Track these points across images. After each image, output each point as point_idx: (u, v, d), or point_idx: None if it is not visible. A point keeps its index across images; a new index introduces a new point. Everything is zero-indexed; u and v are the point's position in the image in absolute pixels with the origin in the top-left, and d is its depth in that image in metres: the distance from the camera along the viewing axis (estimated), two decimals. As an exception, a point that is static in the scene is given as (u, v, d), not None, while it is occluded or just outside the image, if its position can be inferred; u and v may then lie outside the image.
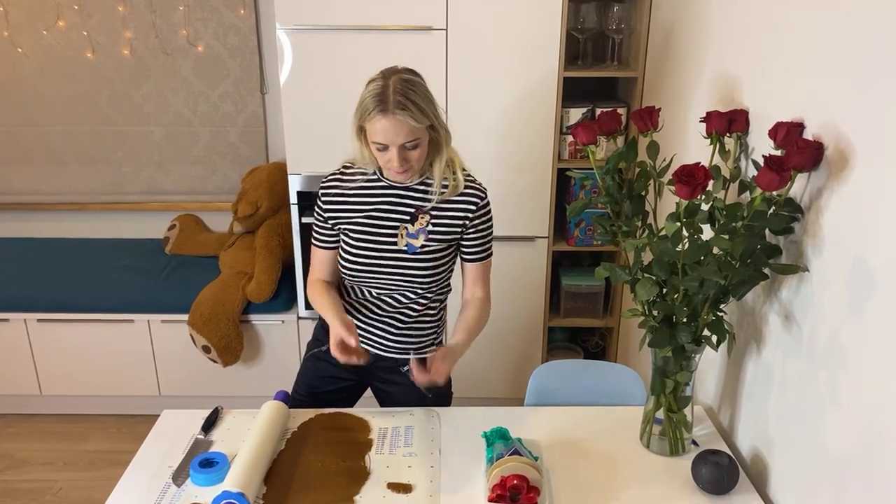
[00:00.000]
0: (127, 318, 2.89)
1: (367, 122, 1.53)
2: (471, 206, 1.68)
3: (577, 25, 2.63)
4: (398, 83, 1.51)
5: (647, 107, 1.64)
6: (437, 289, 1.78)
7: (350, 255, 1.72)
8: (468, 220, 1.69)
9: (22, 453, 2.85)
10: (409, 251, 1.68)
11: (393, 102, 1.49)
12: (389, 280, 1.72)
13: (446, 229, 1.69)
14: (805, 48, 1.38)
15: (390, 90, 1.50)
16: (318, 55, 2.55)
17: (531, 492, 1.41)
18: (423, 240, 1.68)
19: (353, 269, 1.72)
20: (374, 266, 1.70)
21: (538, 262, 2.80)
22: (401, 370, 1.81)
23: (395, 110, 1.49)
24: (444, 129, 1.62)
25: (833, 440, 1.27)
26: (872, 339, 1.16)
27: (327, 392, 1.87)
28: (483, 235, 1.73)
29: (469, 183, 1.69)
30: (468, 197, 1.68)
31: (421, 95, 1.53)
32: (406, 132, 1.52)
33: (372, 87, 1.53)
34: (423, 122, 1.53)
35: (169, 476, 1.54)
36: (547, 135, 2.63)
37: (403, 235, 1.69)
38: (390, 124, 1.50)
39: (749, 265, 1.41)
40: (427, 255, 1.69)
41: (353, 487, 1.50)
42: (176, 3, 3.01)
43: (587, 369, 2.00)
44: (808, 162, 1.29)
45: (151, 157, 3.27)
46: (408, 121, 1.50)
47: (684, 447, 1.63)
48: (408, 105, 1.49)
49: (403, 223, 1.69)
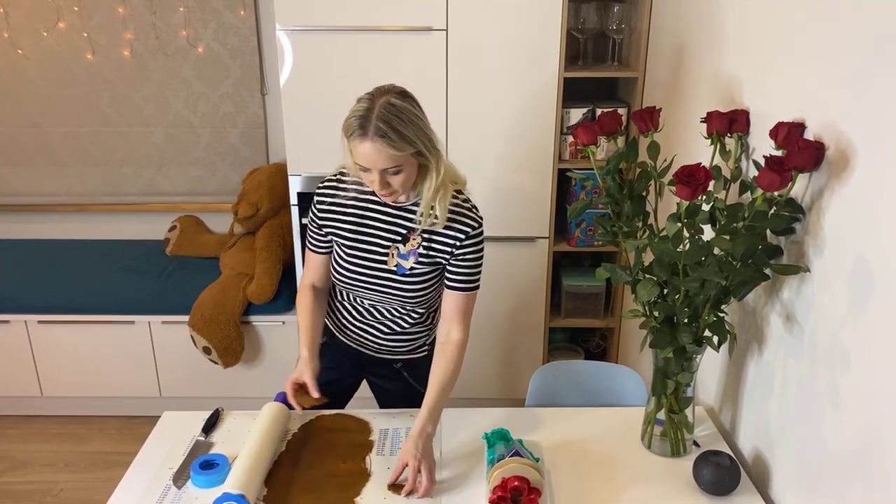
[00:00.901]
0: (127, 320, 2.89)
1: (350, 143, 1.50)
2: (460, 234, 1.62)
3: (577, 26, 2.63)
4: (383, 107, 1.45)
5: (648, 107, 1.64)
6: (427, 305, 1.77)
7: (340, 268, 1.72)
8: (454, 249, 1.63)
9: (23, 455, 2.85)
10: (398, 272, 1.67)
11: (373, 128, 1.44)
12: (379, 295, 1.72)
13: (435, 254, 1.65)
14: (805, 48, 1.38)
15: (374, 114, 1.45)
16: (319, 56, 2.54)
17: (532, 493, 1.41)
18: (413, 261, 1.66)
19: (343, 281, 1.73)
20: (363, 282, 1.70)
21: (539, 262, 2.80)
22: (394, 366, 1.82)
23: (375, 137, 1.44)
24: (435, 155, 1.56)
25: (834, 440, 1.27)
26: (873, 339, 1.15)
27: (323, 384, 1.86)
28: (467, 267, 1.65)
29: (464, 211, 1.63)
30: (459, 225, 1.62)
31: (406, 122, 1.47)
32: (385, 159, 1.47)
33: (357, 107, 1.49)
34: (406, 150, 1.48)
35: (169, 477, 1.54)
36: (547, 135, 2.63)
37: (394, 255, 1.67)
38: (370, 149, 1.46)
39: (750, 266, 1.41)
40: (416, 277, 1.67)
41: (354, 489, 1.50)
42: (176, 5, 3.01)
43: (588, 370, 2.00)
44: (808, 162, 1.29)
45: (152, 158, 3.27)
46: (386, 149, 1.45)
47: (685, 448, 1.62)
48: (388, 133, 1.44)
49: (395, 243, 1.67)
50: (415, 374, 1.84)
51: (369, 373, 1.89)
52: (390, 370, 1.83)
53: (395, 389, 1.86)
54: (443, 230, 1.63)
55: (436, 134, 1.57)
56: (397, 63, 2.56)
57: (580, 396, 1.90)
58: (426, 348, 1.84)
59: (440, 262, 1.67)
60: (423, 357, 1.84)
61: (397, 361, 1.83)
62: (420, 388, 1.82)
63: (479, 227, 1.65)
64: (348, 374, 1.89)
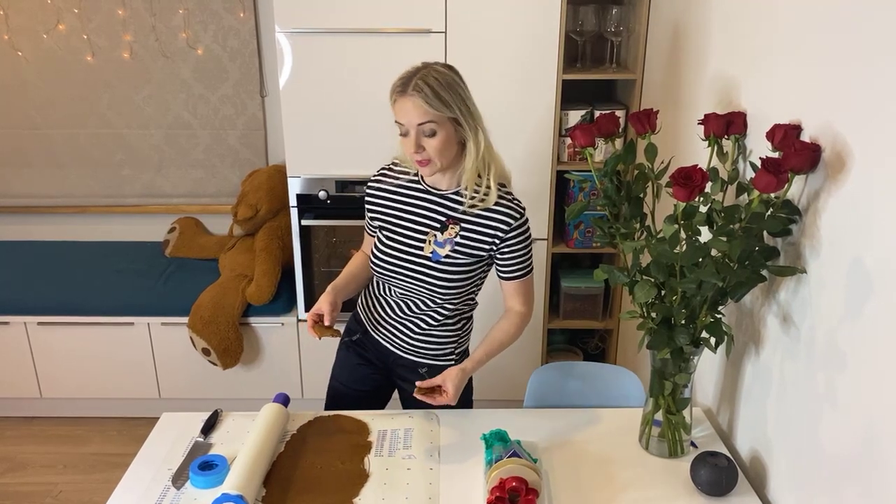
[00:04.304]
0: (127, 321, 2.90)
1: (393, 106, 1.59)
2: (503, 224, 1.66)
3: (575, 28, 2.64)
4: (427, 71, 1.57)
5: (645, 109, 1.65)
6: (458, 301, 1.77)
7: (378, 252, 1.76)
8: (498, 240, 1.67)
9: (22, 456, 2.85)
10: (433, 258, 1.69)
11: (413, 85, 1.54)
12: (410, 284, 1.73)
13: (474, 244, 1.68)
14: (802, 51, 1.38)
15: (416, 75, 1.56)
16: (318, 58, 2.55)
17: (530, 494, 1.41)
18: (449, 250, 1.68)
19: (378, 266, 1.76)
20: (396, 267, 1.72)
21: (538, 263, 2.79)
22: (419, 371, 1.82)
23: (412, 92, 1.54)
24: (474, 129, 1.61)
25: (831, 441, 1.27)
26: (870, 339, 1.16)
27: (355, 390, 1.91)
28: (518, 255, 1.70)
29: (505, 201, 1.67)
30: (501, 215, 1.66)
31: (445, 85, 1.56)
32: (419, 114, 1.54)
33: (404, 72, 1.59)
34: (440, 110, 1.55)
35: (168, 478, 1.54)
36: (546, 137, 2.63)
37: (431, 242, 1.69)
38: (406, 104, 1.55)
39: (747, 267, 1.42)
40: (450, 267, 1.69)
41: (353, 489, 1.50)
42: (175, 7, 3.02)
43: (586, 371, 2.00)
44: (805, 164, 1.30)
45: (151, 159, 3.28)
46: (421, 104, 1.53)
47: (683, 449, 1.63)
48: (424, 89, 1.53)
49: (433, 230, 1.70)
50: None
51: (396, 375, 1.90)
52: (416, 375, 1.83)
53: None
54: (484, 221, 1.66)
55: (479, 111, 1.64)
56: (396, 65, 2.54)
57: (578, 398, 1.90)
58: (454, 357, 1.84)
59: (478, 253, 1.69)
60: (450, 365, 1.82)
61: (422, 366, 1.83)
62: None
63: (520, 217, 1.69)
64: (379, 372, 1.91)
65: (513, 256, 1.70)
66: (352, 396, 1.91)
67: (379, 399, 1.95)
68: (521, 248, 1.70)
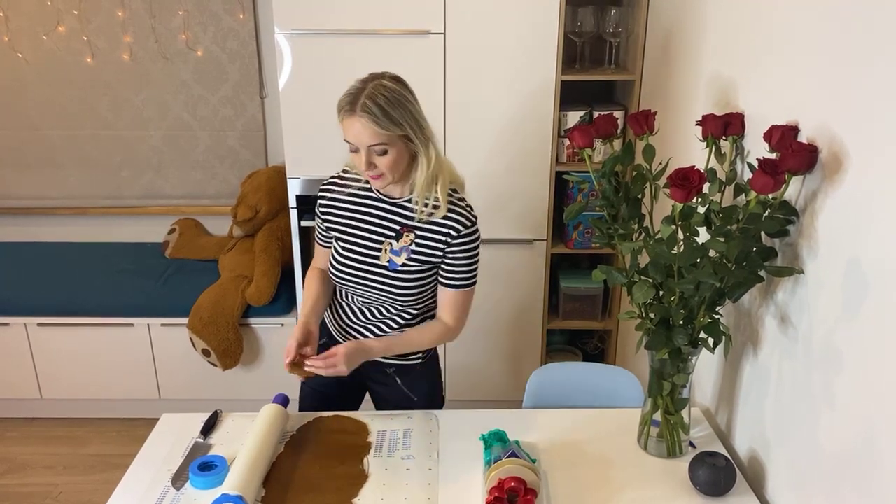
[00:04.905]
0: (127, 322, 2.90)
1: (341, 121, 1.55)
2: (452, 231, 1.63)
3: (574, 29, 2.64)
4: (374, 87, 1.51)
5: (643, 110, 1.65)
6: (420, 306, 1.76)
7: (336, 262, 1.74)
8: (446, 246, 1.65)
9: (22, 457, 2.86)
10: (390, 268, 1.68)
11: (361, 105, 1.49)
12: (370, 292, 1.72)
13: (428, 251, 1.66)
14: (800, 52, 1.39)
15: (364, 93, 1.51)
16: (317, 59, 2.56)
17: (528, 494, 1.41)
18: (405, 258, 1.67)
19: (337, 276, 1.75)
20: (355, 277, 1.71)
21: (537, 264, 2.81)
22: (387, 371, 1.83)
23: (361, 112, 1.49)
24: (425, 143, 1.58)
25: (829, 441, 1.28)
26: (867, 339, 1.16)
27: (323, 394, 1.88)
28: (461, 264, 1.67)
29: (457, 209, 1.64)
30: (452, 221, 1.63)
31: (394, 102, 1.51)
32: (370, 135, 1.51)
33: (351, 86, 1.55)
34: (391, 130, 1.51)
35: (168, 479, 1.55)
36: (545, 138, 2.64)
37: (387, 251, 1.68)
38: (355, 125, 1.51)
39: (744, 267, 1.42)
40: (407, 275, 1.68)
41: (352, 490, 1.51)
42: (175, 8, 3.02)
43: (585, 371, 2.00)
44: (802, 165, 1.30)
45: (151, 161, 3.28)
46: (371, 125, 1.50)
47: (681, 449, 1.63)
48: (374, 110, 1.49)
49: (388, 238, 1.68)
50: (408, 382, 1.85)
51: (365, 377, 1.89)
52: (384, 375, 1.84)
53: (388, 395, 1.87)
54: (435, 227, 1.64)
55: (429, 125, 1.60)
56: (395, 66, 2.53)
57: (577, 398, 1.91)
58: (419, 356, 1.84)
59: (432, 260, 1.68)
60: (417, 364, 1.84)
61: (390, 366, 1.83)
62: (413, 396, 1.83)
63: (471, 225, 1.66)
64: (355, 384, 1.88)
65: (456, 264, 1.67)
66: (322, 399, 1.88)
67: (350, 401, 1.92)
68: (466, 257, 1.67)
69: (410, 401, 1.84)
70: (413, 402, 1.84)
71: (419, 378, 1.86)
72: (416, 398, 1.85)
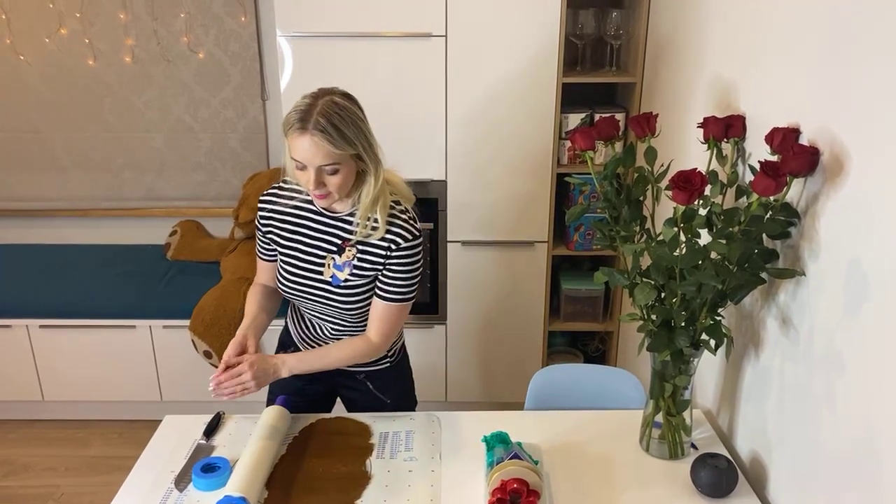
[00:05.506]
0: (128, 324, 2.90)
1: (288, 137, 1.49)
2: (391, 244, 1.60)
3: (575, 31, 2.65)
4: (326, 105, 1.46)
5: (645, 113, 1.65)
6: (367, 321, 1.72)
7: (281, 277, 1.72)
8: (385, 259, 1.62)
9: (24, 459, 2.86)
10: (333, 283, 1.66)
11: (313, 123, 1.44)
12: (319, 306, 1.71)
13: (368, 265, 1.64)
14: (801, 54, 1.39)
15: (316, 110, 1.45)
16: (319, 62, 2.56)
17: (531, 496, 1.42)
18: (348, 273, 1.64)
19: (285, 291, 1.73)
20: (302, 291, 1.70)
21: (538, 266, 2.81)
22: (357, 377, 1.82)
23: (314, 131, 1.44)
24: (374, 162, 1.55)
25: (831, 443, 1.28)
26: (868, 341, 1.17)
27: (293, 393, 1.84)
28: (396, 278, 1.63)
29: (400, 222, 1.61)
30: (393, 234, 1.60)
31: (347, 121, 1.47)
32: (323, 155, 1.46)
33: (299, 103, 1.48)
34: (344, 150, 1.47)
35: (171, 481, 1.55)
36: (546, 140, 2.64)
37: (330, 266, 1.66)
38: (305, 143, 1.45)
39: (746, 269, 1.42)
40: (350, 289, 1.65)
41: (354, 491, 1.51)
42: (177, 11, 3.03)
43: (587, 373, 2.01)
44: (803, 167, 1.30)
45: (153, 163, 3.29)
46: (325, 145, 1.45)
47: (683, 451, 1.63)
48: (328, 129, 1.44)
49: (331, 253, 1.66)
50: (379, 385, 1.84)
51: (335, 383, 1.88)
52: (354, 381, 1.83)
53: (360, 399, 1.86)
54: (378, 241, 1.61)
55: (377, 142, 1.56)
56: (397, 69, 2.57)
57: (579, 400, 1.91)
58: (388, 360, 1.83)
59: (373, 274, 1.65)
60: (387, 368, 1.84)
61: (360, 373, 1.82)
62: (385, 399, 1.84)
63: (413, 239, 1.62)
64: (317, 382, 1.84)
65: (393, 276, 1.62)
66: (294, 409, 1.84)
67: (321, 408, 1.89)
68: (405, 270, 1.62)
69: (383, 403, 1.84)
70: (385, 404, 1.84)
71: (390, 380, 1.86)
72: (389, 400, 1.85)
